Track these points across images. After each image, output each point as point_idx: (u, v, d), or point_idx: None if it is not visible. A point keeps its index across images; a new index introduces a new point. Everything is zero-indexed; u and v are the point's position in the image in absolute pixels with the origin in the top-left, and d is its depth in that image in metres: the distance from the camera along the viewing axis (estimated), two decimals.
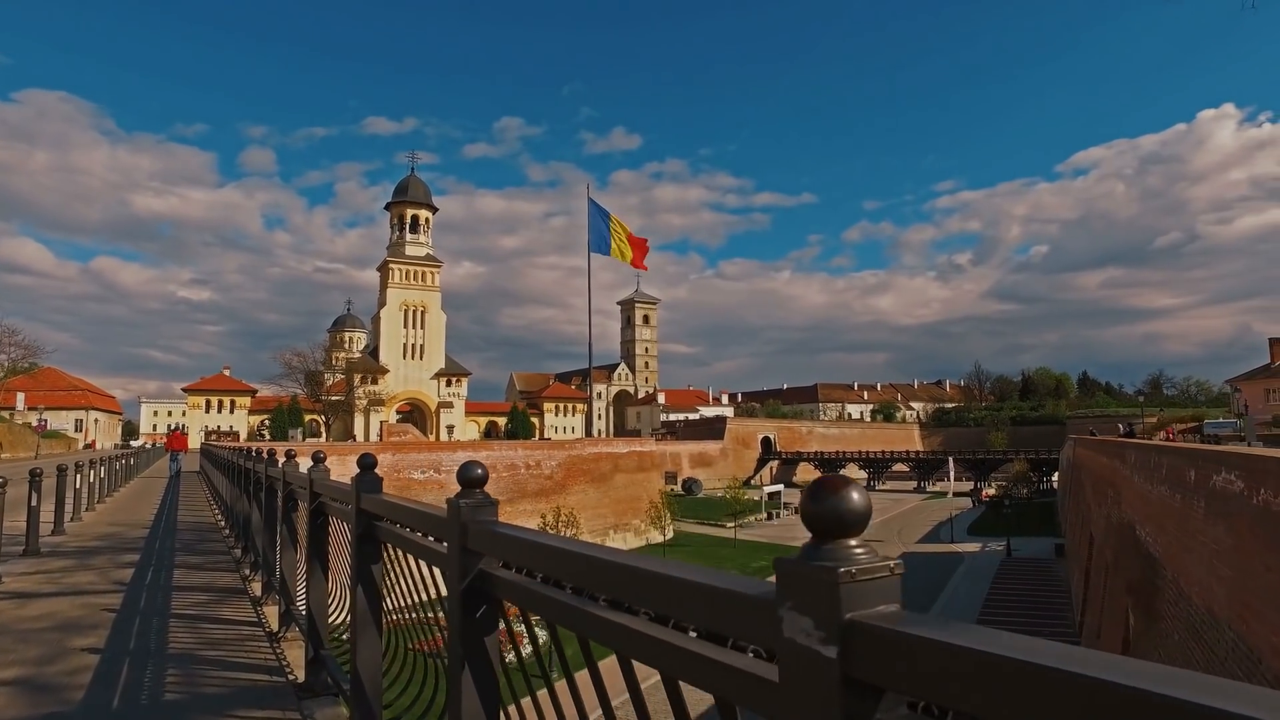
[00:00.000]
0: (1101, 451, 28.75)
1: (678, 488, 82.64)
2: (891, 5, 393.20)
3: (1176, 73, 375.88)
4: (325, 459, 4.87)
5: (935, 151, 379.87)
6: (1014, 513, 54.46)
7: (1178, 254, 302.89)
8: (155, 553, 10.16)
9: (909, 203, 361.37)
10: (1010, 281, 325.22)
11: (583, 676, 1.72)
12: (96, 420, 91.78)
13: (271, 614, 6.30)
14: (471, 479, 2.23)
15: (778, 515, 70.48)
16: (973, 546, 53.01)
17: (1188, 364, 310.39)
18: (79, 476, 15.65)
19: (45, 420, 62.72)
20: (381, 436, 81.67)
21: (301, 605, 5.10)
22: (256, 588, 7.59)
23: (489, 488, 2.26)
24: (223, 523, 13.57)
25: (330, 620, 4.64)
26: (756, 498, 69.10)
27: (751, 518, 60.82)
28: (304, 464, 5.28)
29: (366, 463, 3.57)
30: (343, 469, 11.13)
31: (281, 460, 6.30)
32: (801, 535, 0.93)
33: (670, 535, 57.23)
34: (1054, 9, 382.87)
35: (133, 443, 77.70)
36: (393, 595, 3.35)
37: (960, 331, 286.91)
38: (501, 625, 2.22)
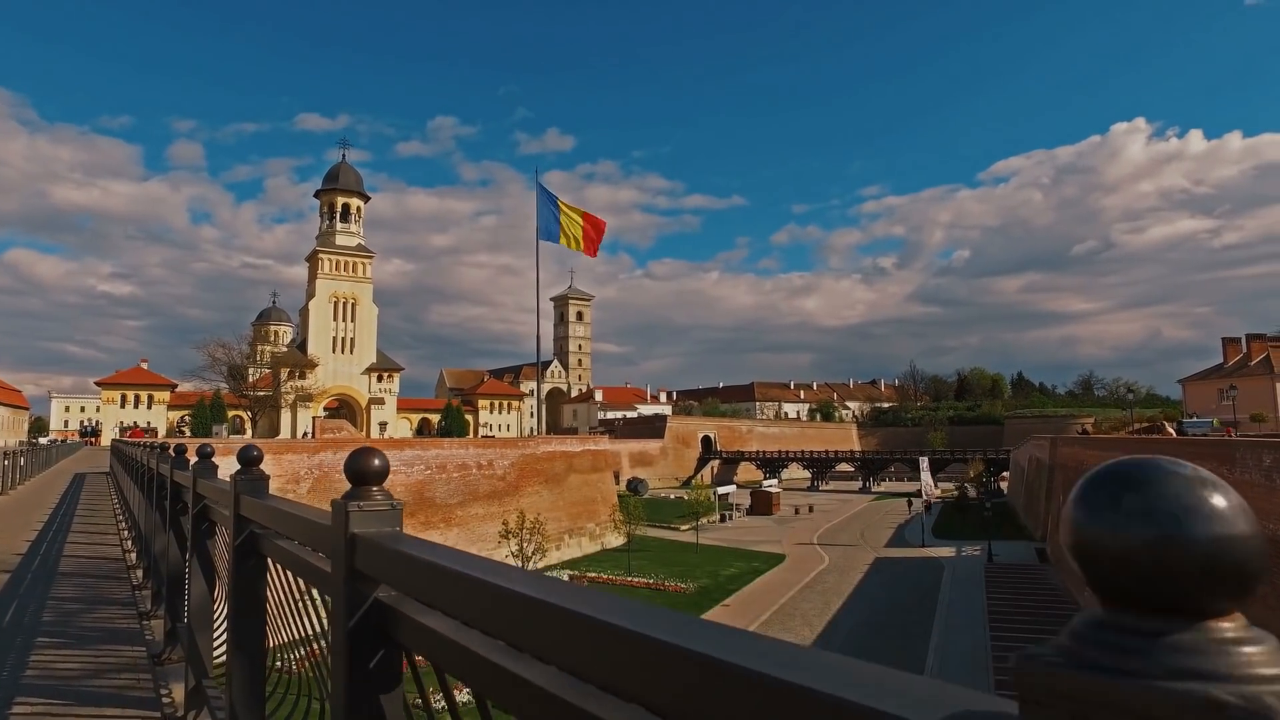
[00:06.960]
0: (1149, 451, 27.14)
1: (622, 488, 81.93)
2: (823, 12, 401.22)
3: (1091, 86, 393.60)
4: (212, 454, 4.09)
5: (862, 157, 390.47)
6: (992, 515, 52.23)
7: (1093, 260, 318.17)
8: (2, 638, 5.47)
9: (836, 207, 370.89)
10: (933, 285, 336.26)
11: None
12: None
13: None
14: (365, 472, 1.54)
15: (730, 516, 70.15)
16: (947, 550, 50.11)
17: (1101, 366, 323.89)
18: None
19: None
20: (314, 433, 78.25)
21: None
22: None
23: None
24: (133, 557, 9.34)
25: (216, 650, 3.87)
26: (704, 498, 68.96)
27: (704, 519, 60.22)
28: (226, 464, 4.34)
29: (248, 457, 2.84)
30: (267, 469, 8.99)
31: (172, 455, 5.45)
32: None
33: (626, 539, 55.25)
34: (974, 18, 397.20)
35: (40, 439, 72.50)
36: (282, 624, 2.64)
37: (884, 333, 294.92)
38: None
